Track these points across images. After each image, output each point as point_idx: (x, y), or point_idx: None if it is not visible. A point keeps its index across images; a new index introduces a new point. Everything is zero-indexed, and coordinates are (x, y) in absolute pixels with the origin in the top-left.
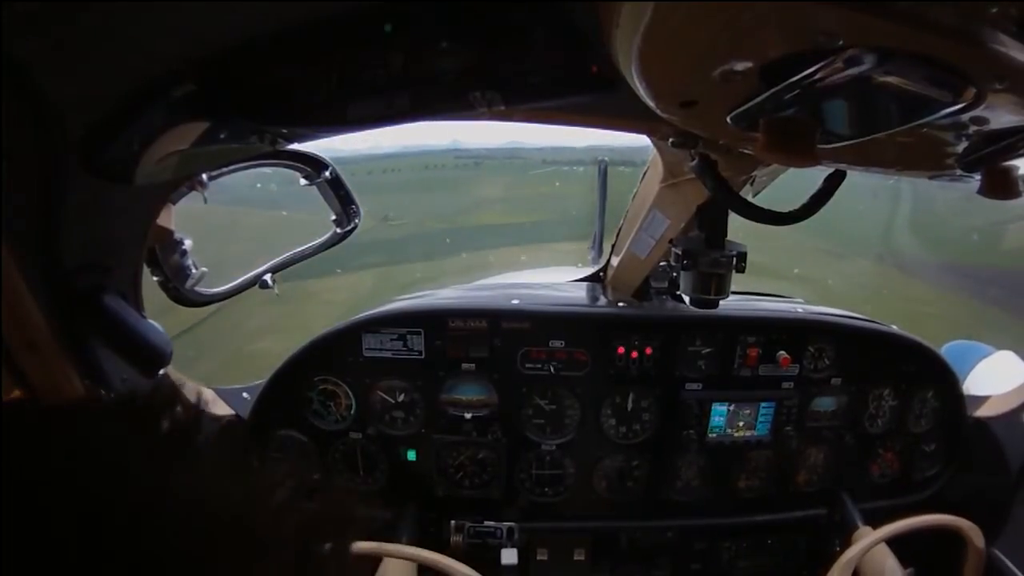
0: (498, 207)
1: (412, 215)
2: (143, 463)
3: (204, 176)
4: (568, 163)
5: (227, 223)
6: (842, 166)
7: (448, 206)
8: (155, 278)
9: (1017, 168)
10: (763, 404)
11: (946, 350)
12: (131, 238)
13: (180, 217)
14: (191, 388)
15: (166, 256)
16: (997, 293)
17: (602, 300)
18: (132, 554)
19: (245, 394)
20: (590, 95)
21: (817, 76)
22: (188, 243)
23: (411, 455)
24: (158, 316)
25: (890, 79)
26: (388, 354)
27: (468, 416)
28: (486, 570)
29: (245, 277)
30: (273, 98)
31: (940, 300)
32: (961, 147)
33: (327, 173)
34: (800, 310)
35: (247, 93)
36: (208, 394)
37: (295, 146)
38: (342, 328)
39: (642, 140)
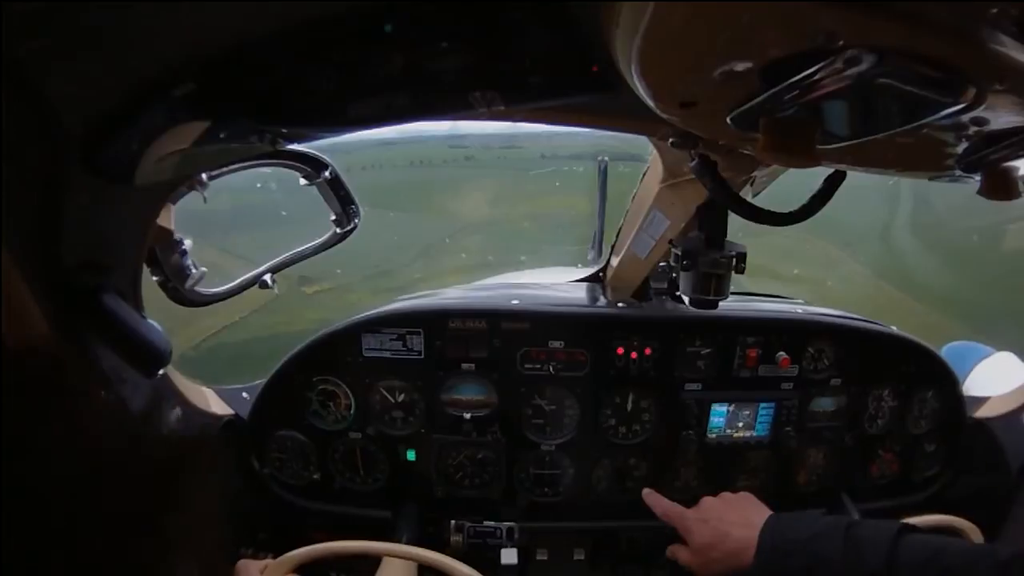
0: (482, 238)
1: (348, 265)
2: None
3: (204, 176)
4: (567, 157)
5: None
6: (842, 167)
7: (413, 240)
8: (155, 278)
9: (1017, 169)
10: (763, 405)
11: (946, 351)
12: (131, 238)
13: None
14: (191, 388)
15: (166, 256)
16: None
17: (602, 300)
18: None
19: (245, 394)
20: (590, 95)
21: (817, 76)
22: (188, 243)
23: (411, 455)
24: None
25: (890, 79)
26: (388, 354)
27: (468, 416)
28: (486, 570)
29: (245, 277)
30: (273, 98)
31: None
32: (961, 148)
33: (327, 173)
34: (800, 311)
35: (247, 93)
36: (208, 394)
37: (295, 146)
38: (341, 328)
39: (642, 136)
